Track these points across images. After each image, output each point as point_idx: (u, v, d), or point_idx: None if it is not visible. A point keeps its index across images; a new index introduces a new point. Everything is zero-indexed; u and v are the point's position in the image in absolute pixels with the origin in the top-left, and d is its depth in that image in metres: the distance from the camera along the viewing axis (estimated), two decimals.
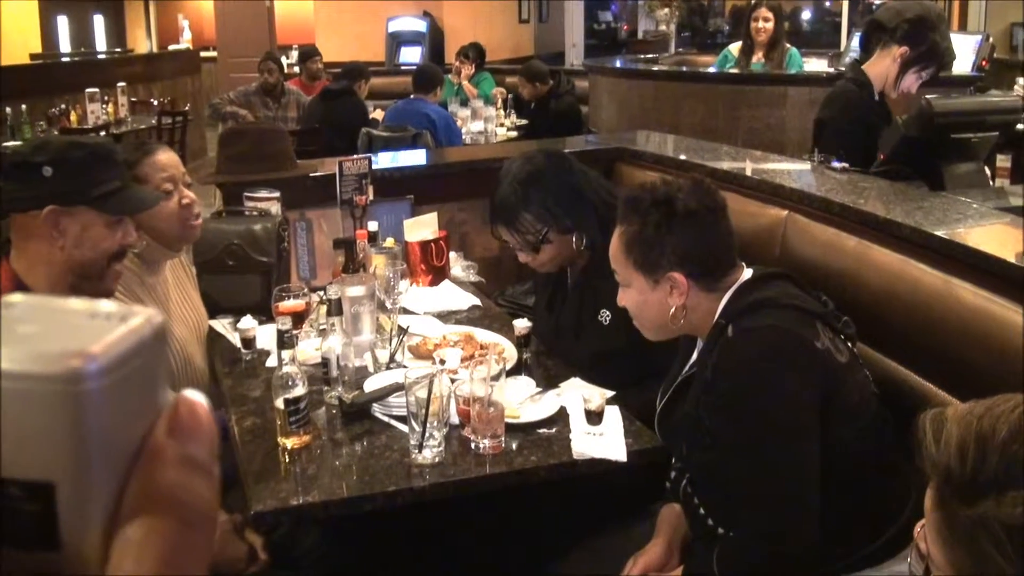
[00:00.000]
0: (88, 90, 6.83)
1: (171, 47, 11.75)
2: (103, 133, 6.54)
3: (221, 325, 2.30)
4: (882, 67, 2.85)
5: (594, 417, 1.74)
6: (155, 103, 7.86)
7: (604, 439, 1.71)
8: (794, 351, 1.45)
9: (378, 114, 6.05)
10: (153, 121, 6.99)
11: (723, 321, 1.51)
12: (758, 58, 5.41)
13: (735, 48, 5.58)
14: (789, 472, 1.44)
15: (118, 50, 10.90)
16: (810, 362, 1.45)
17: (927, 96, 2.71)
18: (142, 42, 12.62)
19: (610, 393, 1.88)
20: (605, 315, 2.09)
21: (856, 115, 2.89)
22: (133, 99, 7.82)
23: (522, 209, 2.10)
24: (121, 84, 7.34)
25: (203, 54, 10.87)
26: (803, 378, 1.44)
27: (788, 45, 5.46)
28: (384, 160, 3.54)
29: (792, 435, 1.44)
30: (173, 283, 2.16)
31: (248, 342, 2.14)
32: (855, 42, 5.43)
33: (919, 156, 2.64)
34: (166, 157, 2.07)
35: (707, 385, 1.50)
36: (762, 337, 1.46)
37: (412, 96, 5.46)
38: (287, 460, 1.69)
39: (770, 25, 5.28)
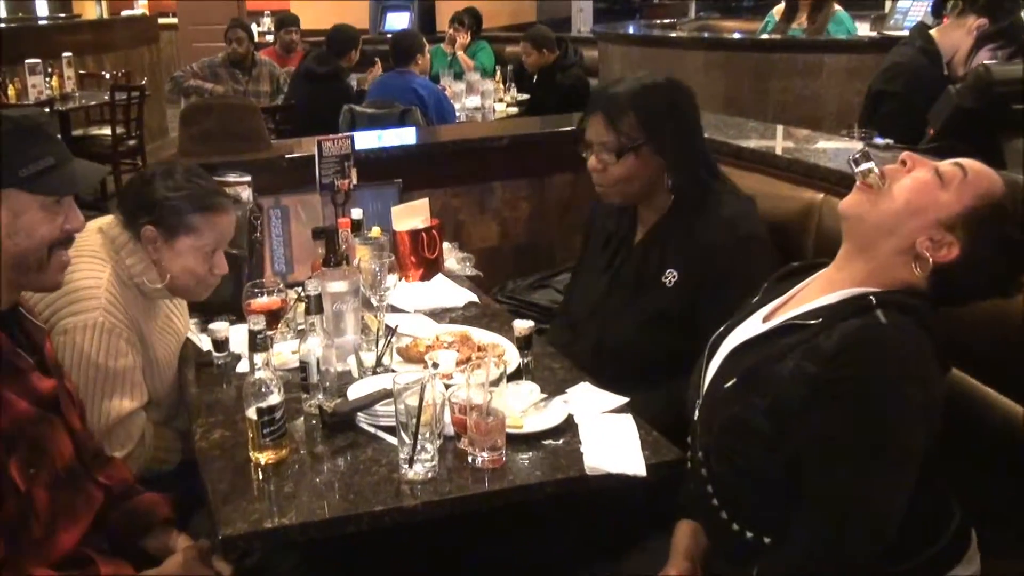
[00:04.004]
0: (28, 61, 6.83)
1: (124, 13, 11.73)
2: (47, 110, 6.54)
3: (189, 328, 2.30)
4: (954, 38, 2.80)
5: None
6: (107, 76, 7.86)
7: (620, 451, 1.72)
8: (936, 371, 1.48)
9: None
10: (105, 97, 6.98)
11: (872, 299, 1.50)
12: (800, 22, 5.36)
13: (777, 11, 5.55)
14: (884, 492, 1.43)
15: (63, 16, 10.88)
16: (941, 388, 1.48)
17: (984, 62, 2.68)
18: (91, 7, 12.61)
19: (625, 399, 1.89)
20: (671, 276, 2.13)
21: (922, 92, 2.82)
22: (81, 72, 7.82)
23: (631, 108, 2.13)
24: (67, 55, 7.33)
25: (161, 21, 10.85)
26: (933, 400, 1.46)
27: (836, 6, 5.39)
28: (369, 140, 3.54)
29: (905, 455, 1.44)
30: (168, 300, 2.18)
31: (219, 345, 2.14)
32: (902, 2, 5.41)
33: (975, 130, 2.62)
34: (228, 221, 2.08)
35: (821, 354, 1.46)
36: (919, 342, 1.46)
37: (395, 69, 5.46)
38: (260, 477, 1.69)
39: None
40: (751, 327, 1.66)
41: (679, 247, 2.14)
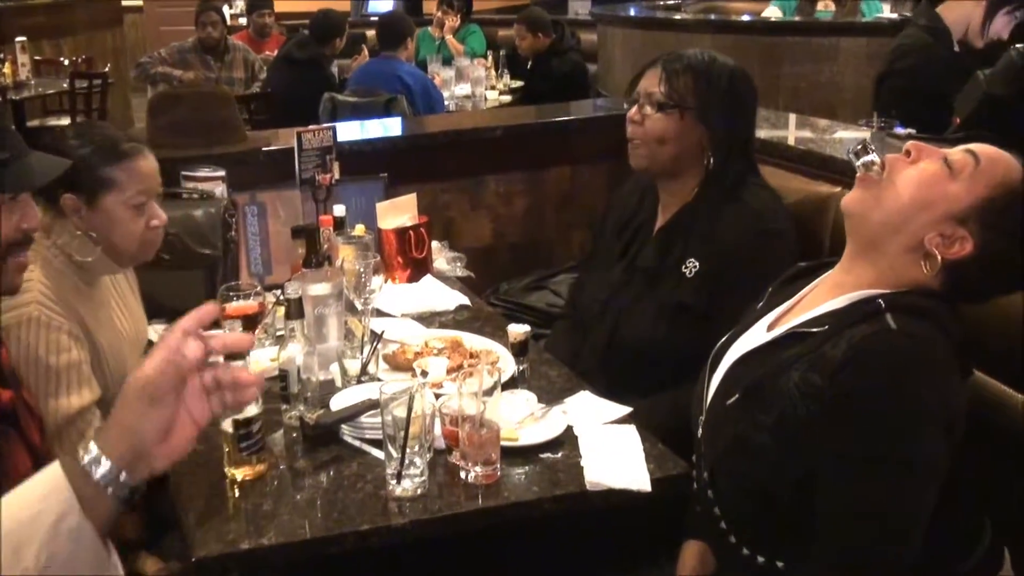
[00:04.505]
0: None
1: None
2: None
3: (155, 332, 2.30)
4: (963, 10, 2.79)
5: None
6: (66, 62, 7.84)
7: (623, 465, 1.72)
8: (955, 377, 1.47)
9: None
10: (64, 85, 6.96)
11: (881, 303, 1.49)
12: (825, 4, 5.37)
13: None
14: (905, 509, 1.42)
15: None
16: (961, 395, 1.47)
17: (1017, 45, 2.67)
18: None
19: (628, 409, 1.90)
20: (691, 265, 2.16)
21: (929, 72, 2.84)
22: (37, 57, 7.78)
23: (692, 71, 2.20)
24: (20, 39, 7.27)
25: (126, 3, 10.82)
26: (953, 408, 1.44)
27: None
28: (352, 131, 3.55)
29: (924, 469, 1.42)
30: (111, 288, 2.17)
31: None
32: None
33: (1006, 119, 2.61)
34: (147, 165, 2.07)
35: (828, 365, 1.45)
36: (933, 347, 1.44)
37: (380, 54, 5.46)
38: (236, 495, 1.69)
39: None
40: (755, 336, 1.67)
41: (702, 236, 2.17)
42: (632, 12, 6.90)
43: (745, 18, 5.99)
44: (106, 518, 1.04)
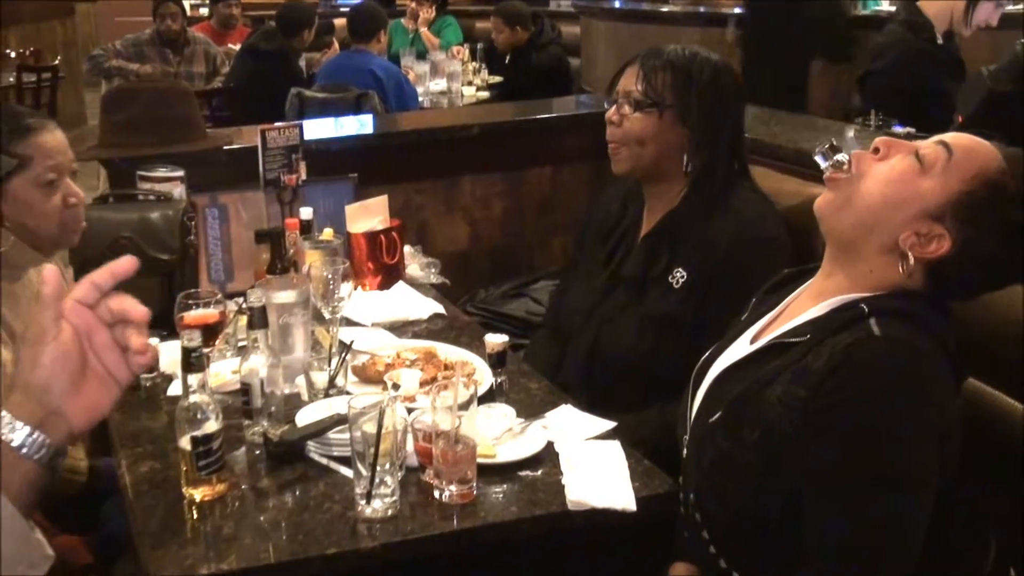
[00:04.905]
0: None
1: None
2: None
3: None
4: (944, 0, 2.85)
5: None
6: (12, 55, 7.79)
7: (607, 483, 1.73)
8: (947, 383, 1.47)
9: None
10: (11, 79, 6.93)
11: (864, 308, 1.50)
12: None
13: None
14: (896, 527, 1.43)
15: None
16: (954, 401, 1.48)
17: (1022, 39, 2.70)
18: None
19: (611, 424, 1.90)
20: (678, 275, 2.17)
21: (910, 69, 2.90)
22: None
23: (671, 67, 2.20)
24: None
25: None
26: (945, 416, 1.45)
27: None
28: (320, 128, 3.55)
29: (915, 484, 1.43)
30: (30, 290, 2.15)
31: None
32: None
33: (1011, 116, 2.64)
34: (54, 139, 2.06)
35: (811, 376, 1.46)
36: (921, 353, 1.45)
37: (352, 47, 5.46)
38: (195, 516, 1.68)
39: None
40: (738, 349, 1.68)
41: (690, 244, 2.18)
42: (617, 4, 6.93)
43: (737, 11, 6.03)
44: (25, 486, 1.04)
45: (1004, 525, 1.65)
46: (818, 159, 1.57)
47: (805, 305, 1.62)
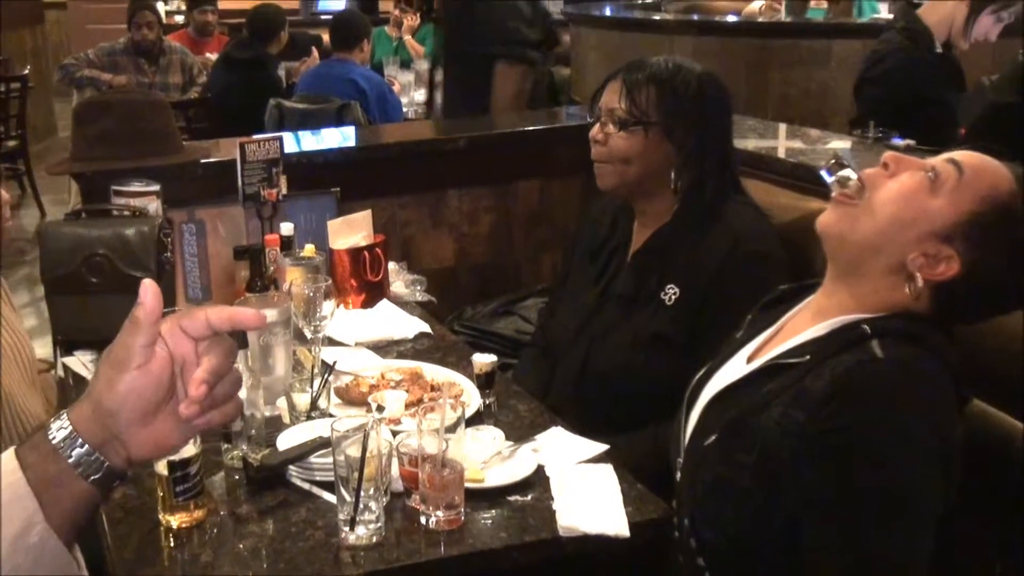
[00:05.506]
0: None
1: None
2: None
3: (80, 363, 2.29)
4: (945, 10, 2.90)
5: None
6: None
7: (599, 509, 1.73)
8: (951, 408, 1.47)
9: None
10: None
11: (867, 329, 1.50)
12: (818, 2, 5.45)
13: None
14: (897, 559, 1.42)
15: None
16: (957, 427, 1.47)
17: None
18: None
19: (603, 447, 1.91)
20: (671, 292, 2.19)
21: (907, 77, 2.93)
22: None
23: (654, 82, 2.22)
24: None
25: None
26: (949, 443, 1.45)
27: None
28: (301, 141, 3.55)
29: (917, 513, 1.43)
30: None
31: None
32: None
33: (1014, 127, 2.66)
34: None
35: (811, 400, 1.46)
36: (925, 377, 1.45)
37: (333, 56, 5.48)
38: (172, 544, 1.69)
39: None
40: (733, 369, 1.68)
41: (681, 260, 2.20)
42: (608, 12, 6.96)
43: (731, 18, 6.07)
44: (75, 505, 1.02)
45: (1008, 549, 1.66)
46: (823, 175, 1.57)
47: (804, 324, 1.62)
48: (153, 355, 1.03)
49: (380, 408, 1.97)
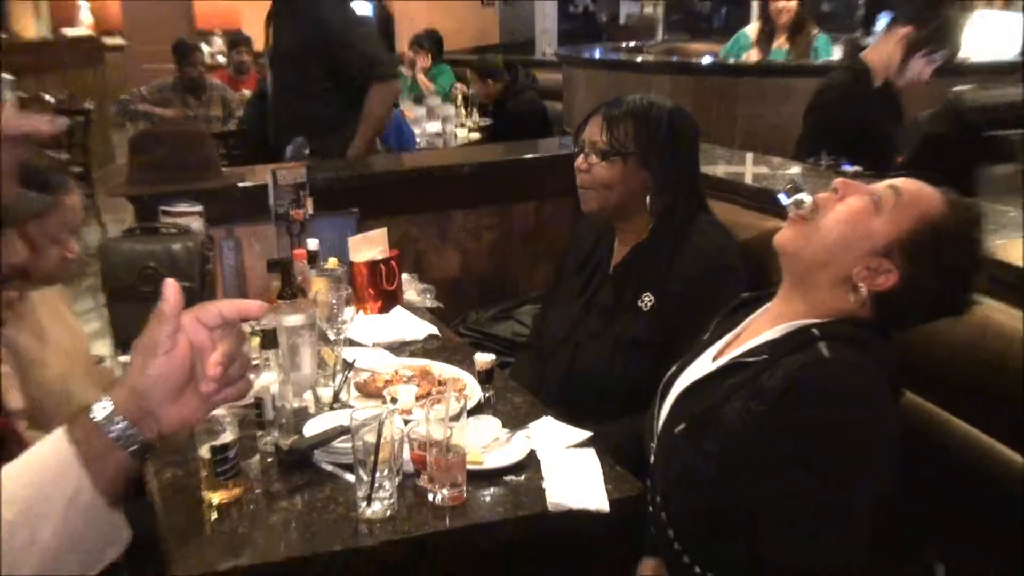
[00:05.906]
0: None
1: (67, 31, 11.68)
2: None
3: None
4: (884, 51, 2.92)
5: None
6: (50, 100, 7.82)
7: (583, 487, 1.75)
8: (889, 404, 1.50)
9: None
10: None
11: (815, 332, 1.52)
12: (780, 44, 5.46)
13: (751, 31, 5.65)
14: (842, 540, 1.44)
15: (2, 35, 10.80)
16: (895, 421, 1.50)
17: (955, 88, 2.74)
18: (28, 26, 12.51)
19: (588, 434, 1.93)
20: (646, 300, 2.21)
21: (847, 108, 2.95)
22: (21, 94, 7.76)
23: (631, 116, 2.24)
24: (6, 76, 7.28)
25: (108, 41, 10.82)
26: (887, 435, 1.47)
27: (816, 29, 5.50)
28: (324, 167, 3.57)
29: (860, 499, 1.45)
30: (39, 303, 2.15)
31: None
32: (879, 25, 5.55)
33: (946, 157, 2.67)
34: (74, 201, 2.06)
35: (767, 394, 1.48)
36: (865, 375, 1.47)
37: None
38: (214, 517, 1.70)
39: (793, 4, 5.29)
40: (700, 367, 1.70)
41: (656, 275, 2.22)
42: (596, 54, 6.99)
43: (704, 60, 6.09)
44: (117, 473, 1.06)
45: (951, 546, 1.67)
46: (780, 197, 1.59)
47: (763, 327, 1.64)
48: (177, 343, 1.08)
49: (394, 400, 1.99)
